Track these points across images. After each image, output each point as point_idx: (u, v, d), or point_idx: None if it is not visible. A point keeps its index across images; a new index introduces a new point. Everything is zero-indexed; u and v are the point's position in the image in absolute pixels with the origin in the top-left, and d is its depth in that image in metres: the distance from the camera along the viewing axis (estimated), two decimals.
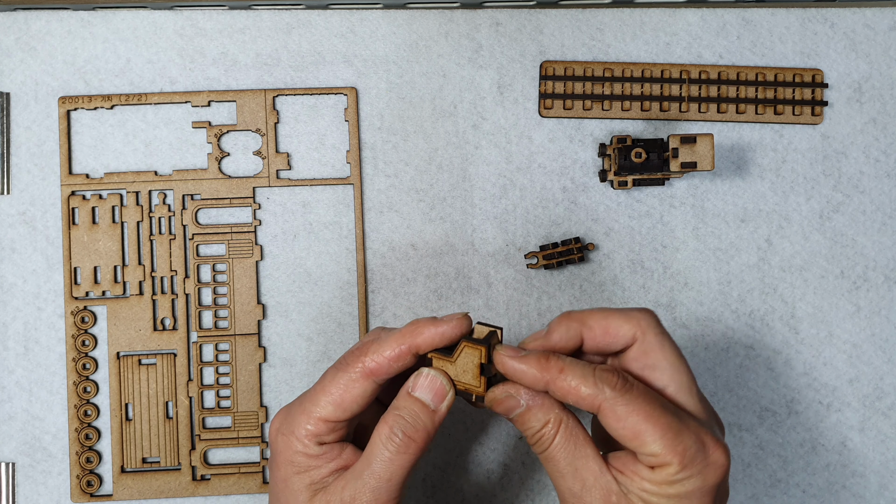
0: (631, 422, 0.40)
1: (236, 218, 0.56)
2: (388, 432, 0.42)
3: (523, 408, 0.42)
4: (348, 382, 0.43)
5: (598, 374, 0.40)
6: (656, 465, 0.40)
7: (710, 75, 0.56)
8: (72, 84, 0.55)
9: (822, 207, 0.57)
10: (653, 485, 0.40)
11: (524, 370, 0.41)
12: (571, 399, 0.41)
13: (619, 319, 0.42)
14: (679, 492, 0.40)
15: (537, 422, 0.42)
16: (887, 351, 0.57)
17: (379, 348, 0.43)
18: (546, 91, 0.56)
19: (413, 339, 0.42)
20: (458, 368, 0.43)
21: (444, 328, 0.42)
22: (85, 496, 0.55)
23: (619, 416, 0.40)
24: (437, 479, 0.56)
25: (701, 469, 0.40)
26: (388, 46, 0.56)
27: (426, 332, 0.42)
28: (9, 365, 0.55)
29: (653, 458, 0.40)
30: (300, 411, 0.43)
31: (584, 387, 0.40)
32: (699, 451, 0.40)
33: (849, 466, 0.57)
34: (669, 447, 0.39)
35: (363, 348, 0.43)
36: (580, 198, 0.56)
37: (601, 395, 0.40)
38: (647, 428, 0.40)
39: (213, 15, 0.56)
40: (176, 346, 0.55)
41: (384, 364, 0.42)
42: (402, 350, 0.42)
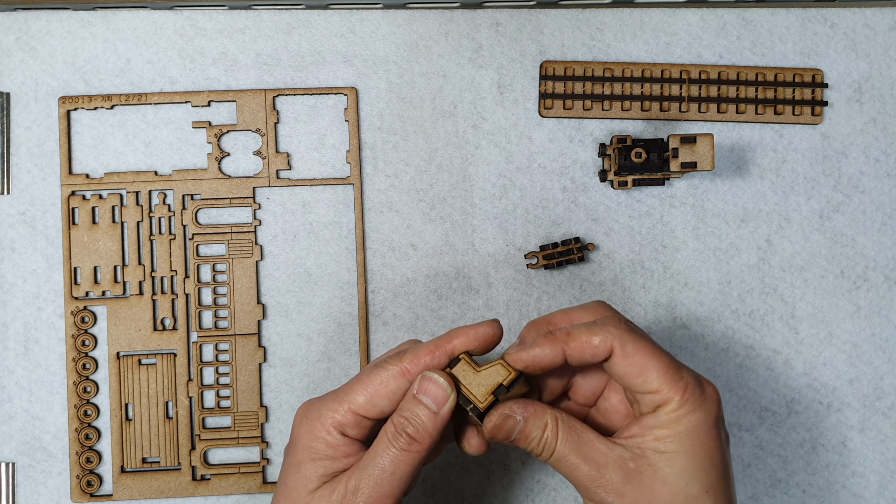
0: (638, 358, 0.42)
1: (236, 218, 0.56)
2: (394, 431, 0.43)
3: (521, 422, 0.43)
4: (385, 378, 0.44)
5: (601, 322, 0.43)
6: (660, 404, 0.42)
7: (710, 75, 0.56)
8: (72, 84, 0.55)
9: (822, 207, 0.57)
10: (662, 429, 0.42)
11: (539, 353, 0.43)
12: (588, 353, 0.43)
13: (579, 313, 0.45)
14: (687, 427, 0.42)
15: (537, 429, 0.43)
16: (887, 351, 0.57)
17: (417, 351, 0.44)
18: (546, 91, 0.56)
19: (449, 341, 0.44)
20: (479, 378, 0.44)
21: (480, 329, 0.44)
22: (85, 496, 0.55)
23: (627, 352, 0.42)
24: (437, 479, 0.56)
25: (701, 403, 0.42)
26: (388, 46, 0.56)
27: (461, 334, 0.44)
28: (9, 365, 0.55)
29: (656, 395, 0.42)
30: (332, 399, 0.44)
31: (595, 337, 0.43)
32: (697, 386, 0.43)
33: (849, 466, 0.57)
34: (671, 382, 0.42)
35: (401, 353, 0.45)
36: (580, 198, 0.56)
37: (611, 337, 0.43)
38: (652, 363, 0.42)
39: (213, 15, 0.56)
40: (176, 346, 0.55)
41: (420, 366, 0.44)
42: (438, 354, 0.44)
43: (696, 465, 0.42)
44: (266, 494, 0.55)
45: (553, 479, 0.56)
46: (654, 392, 0.42)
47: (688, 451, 0.42)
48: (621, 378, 0.43)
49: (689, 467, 0.42)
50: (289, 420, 0.56)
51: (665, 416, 0.42)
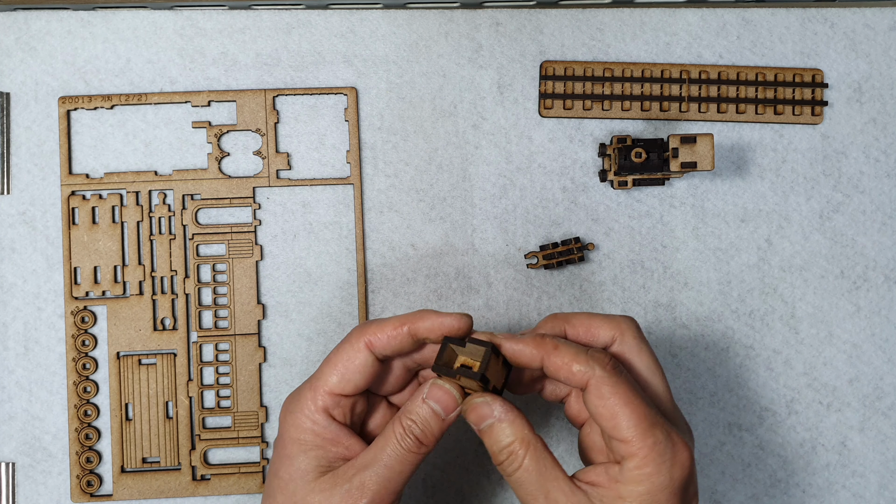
0: (611, 402, 0.41)
1: (236, 218, 0.56)
2: (402, 431, 0.44)
3: (495, 419, 0.43)
4: (350, 353, 0.44)
5: (591, 353, 0.42)
6: (625, 456, 0.41)
7: (710, 75, 0.56)
8: (72, 84, 0.55)
9: (822, 207, 0.57)
10: (624, 485, 0.41)
11: (521, 348, 0.43)
12: (563, 374, 0.42)
13: (600, 321, 0.45)
14: (648, 489, 0.41)
15: (506, 437, 0.42)
16: (887, 351, 0.57)
17: (381, 325, 0.45)
18: (546, 91, 0.56)
19: (413, 322, 0.44)
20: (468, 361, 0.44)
21: (446, 318, 0.44)
22: (85, 496, 0.55)
23: (602, 394, 0.41)
24: (437, 479, 0.56)
25: (668, 465, 0.41)
26: (388, 46, 0.56)
27: (428, 318, 0.44)
28: (9, 365, 0.55)
29: (622, 445, 0.41)
30: (308, 388, 0.45)
31: (577, 363, 0.42)
32: (668, 447, 0.41)
33: (849, 466, 0.57)
34: (640, 436, 0.41)
35: (365, 325, 0.45)
36: (580, 198, 0.56)
37: (590, 372, 0.42)
38: (624, 412, 0.41)
39: (213, 15, 0.56)
40: (176, 346, 0.55)
41: (383, 339, 0.44)
42: (402, 330, 0.44)
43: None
44: None
45: None
46: (622, 441, 0.41)
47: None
48: (593, 416, 0.42)
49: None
50: None
51: (628, 471, 0.41)
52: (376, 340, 0.44)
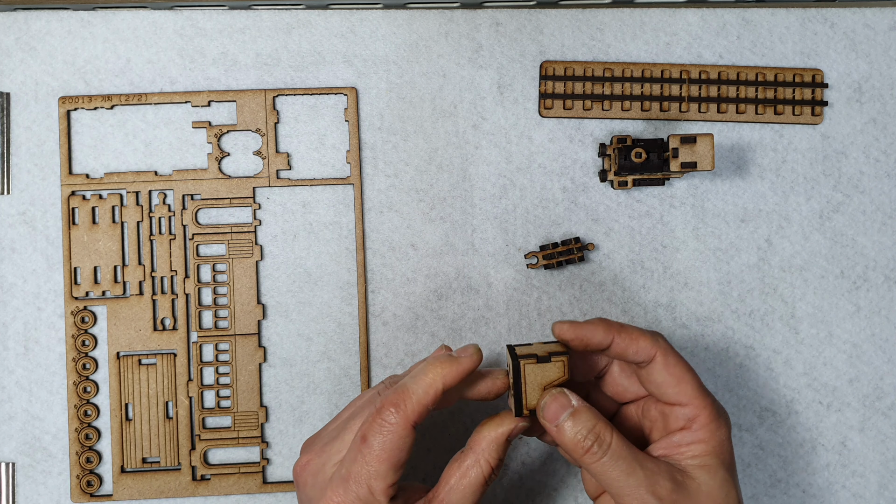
0: (677, 370, 0.45)
1: (236, 218, 0.56)
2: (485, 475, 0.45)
3: (574, 408, 0.44)
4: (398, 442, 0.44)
5: (650, 332, 0.46)
6: (692, 418, 0.45)
7: (710, 75, 0.56)
8: (72, 84, 0.55)
9: (822, 207, 0.57)
10: (698, 444, 0.44)
11: (593, 328, 0.45)
12: (632, 350, 0.45)
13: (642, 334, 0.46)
14: (720, 441, 0.45)
15: (590, 421, 0.44)
16: (887, 351, 0.57)
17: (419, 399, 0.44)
18: (546, 91, 0.56)
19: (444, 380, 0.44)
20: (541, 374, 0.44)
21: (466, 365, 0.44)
22: (85, 496, 0.55)
23: (669, 362, 0.45)
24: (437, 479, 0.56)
25: (725, 421, 0.45)
26: (388, 46, 0.56)
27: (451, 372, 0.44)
28: (9, 365, 0.55)
29: (687, 408, 0.45)
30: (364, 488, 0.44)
31: (643, 339, 0.45)
32: (718, 404, 0.46)
33: (849, 466, 0.57)
34: (703, 396, 0.45)
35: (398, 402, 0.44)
36: (580, 198, 0.56)
37: (657, 346, 0.45)
38: (688, 378, 0.45)
39: (213, 15, 0.56)
40: (176, 346, 0.55)
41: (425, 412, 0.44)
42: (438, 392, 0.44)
43: (731, 476, 0.45)
44: (266, 494, 0.55)
45: (553, 479, 0.56)
46: (686, 405, 0.45)
47: (724, 464, 0.45)
48: (658, 386, 0.46)
49: (727, 478, 0.44)
50: (289, 420, 0.56)
51: (697, 430, 0.45)
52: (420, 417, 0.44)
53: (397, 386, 0.44)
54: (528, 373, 0.44)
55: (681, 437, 0.45)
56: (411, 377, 0.44)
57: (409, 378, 0.44)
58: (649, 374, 0.46)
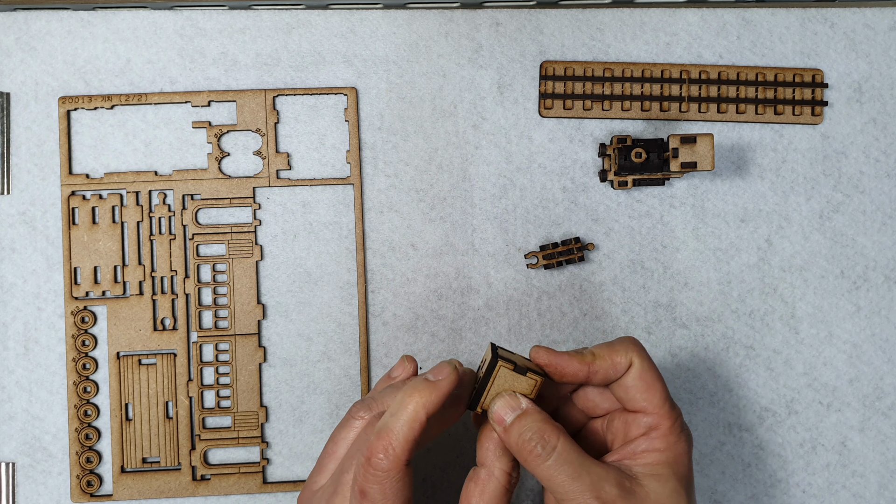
0: (648, 377, 0.45)
1: (236, 218, 0.56)
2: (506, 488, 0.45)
3: (521, 409, 0.44)
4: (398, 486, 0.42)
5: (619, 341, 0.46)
6: (652, 427, 0.45)
7: (710, 75, 0.56)
8: (72, 84, 0.55)
9: (822, 207, 0.57)
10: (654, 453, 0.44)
11: (567, 361, 0.45)
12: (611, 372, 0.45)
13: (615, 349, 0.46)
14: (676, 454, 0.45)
15: (536, 422, 0.44)
16: (887, 351, 0.57)
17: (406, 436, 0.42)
18: (546, 91, 0.56)
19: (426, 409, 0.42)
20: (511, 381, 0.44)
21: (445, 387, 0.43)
22: (85, 496, 0.55)
23: (643, 369, 0.45)
24: (437, 479, 0.56)
25: (686, 437, 0.45)
26: (388, 46, 0.56)
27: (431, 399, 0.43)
28: (9, 365, 0.55)
29: (651, 416, 0.45)
30: None
31: (616, 356, 0.45)
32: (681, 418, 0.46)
33: (849, 466, 0.57)
34: (666, 409, 0.45)
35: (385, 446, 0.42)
36: (580, 198, 0.56)
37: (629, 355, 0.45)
38: (658, 385, 0.45)
39: (213, 15, 0.56)
40: (176, 346, 0.55)
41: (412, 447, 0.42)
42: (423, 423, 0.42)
43: (681, 489, 0.44)
44: (266, 494, 0.55)
45: None
46: (650, 413, 0.45)
47: (677, 475, 0.44)
48: (627, 390, 0.45)
49: (678, 489, 0.44)
50: (289, 420, 0.56)
51: (657, 440, 0.45)
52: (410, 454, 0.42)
53: (379, 428, 0.42)
54: (500, 375, 0.44)
55: (637, 445, 0.45)
56: (391, 414, 0.42)
57: (389, 416, 0.42)
58: (623, 380, 0.46)
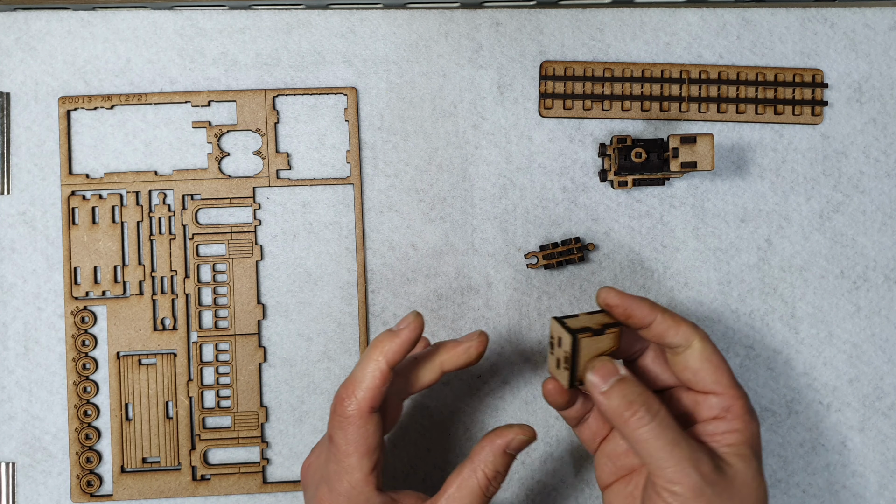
0: (716, 359, 0.45)
1: (236, 218, 0.56)
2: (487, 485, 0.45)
3: (621, 375, 0.44)
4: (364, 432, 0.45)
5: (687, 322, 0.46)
6: (726, 408, 0.45)
7: (710, 75, 0.56)
8: (72, 84, 0.55)
9: (822, 207, 0.57)
10: (733, 433, 0.45)
11: (639, 302, 0.45)
12: (671, 333, 0.45)
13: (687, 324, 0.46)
14: (753, 433, 0.45)
15: (638, 387, 0.44)
16: (887, 351, 0.57)
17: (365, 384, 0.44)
18: (546, 91, 0.56)
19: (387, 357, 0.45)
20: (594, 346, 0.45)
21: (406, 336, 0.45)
22: (85, 496, 0.55)
23: (707, 351, 0.45)
24: (438, 479, 0.56)
25: (755, 417, 0.46)
26: (388, 46, 0.56)
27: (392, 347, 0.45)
28: (9, 365, 0.55)
29: (722, 397, 0.45)
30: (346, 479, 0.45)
31: (685, 324, 0.45)
32: (750, 402, 0.46)
33: (849, 466, 0.57)
34: (736, 389, 0.46)
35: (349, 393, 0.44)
36: (580, 198, 0.56)
37: (696, 333, 0.45)
38: (724, 368, 0.46)
39: (213, 15, 0.56)
40: (176, 346, 0.55)
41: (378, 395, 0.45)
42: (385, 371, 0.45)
43: (760, 468, 0.45)
44: (266, 494, 0.55)
45: (553, 479, 0.56)
46: (721, 394, 0.45)
47: (757, 456, 0.45)
48: (695, 373, 0.45)
49: (759, 470, 0.45)
50: (289, 420, 0.56)
51: (734, 421, 0.45)
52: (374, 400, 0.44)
53: (346, 379, 0.45)
54: (584, 346, 0.44)
55: (715, 426, 0.45)
56: (357, 365, 0.45)
57: (356, 366, 0.45)
58: (686, 360, 0.46)
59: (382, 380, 0.44)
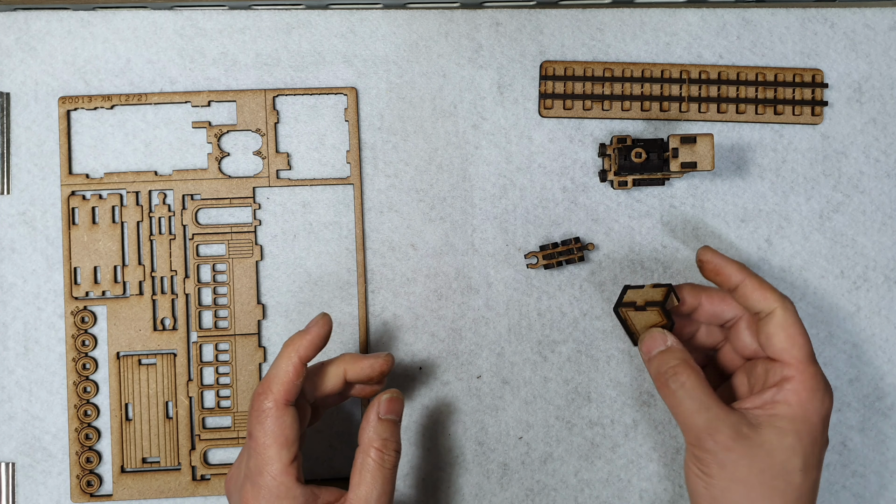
0: (794, 331, 0.47)
1: (236, 218, 0.56)
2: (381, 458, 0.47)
3: (665, 346, 0.48)
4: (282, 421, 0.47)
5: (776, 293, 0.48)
6: (786, 378, 0.47)
7: (710, 75, 0.56)
8: (72, 84, 0.55)
9: (822, 207, 0.57)
10: (781, 405, 0.46)
11: (730, 264, 0.49)
12: (756, 297, 0.48)
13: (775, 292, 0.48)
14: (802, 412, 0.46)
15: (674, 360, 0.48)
16: (887, 351, 0.57)
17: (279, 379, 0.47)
18: (546, 91, 0.56)
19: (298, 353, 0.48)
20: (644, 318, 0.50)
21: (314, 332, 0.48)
22: (85, 496, 0.55)
23: (786, 320, 0.47)
24: (437, 479, 0.56)
25: (821, 396, 0.47)
26: (388, 46, 0.56)
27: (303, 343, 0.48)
28: (9, 365, 0.55)
29: (788, 367, 0.47)
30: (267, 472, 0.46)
31: (772, 292, 0.48)
32: (822, 380, 0.47)
33: (849, 466, 0.57)
34: (806, 361, 0.47)
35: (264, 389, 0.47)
36: (580, 198, 0.56)
37: (781, 302, 0.48)
38: (799, 340, 0.47)
39: (213, 15, 0.56)
40: (176, 346, 0.55)
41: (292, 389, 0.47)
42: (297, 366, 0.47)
43: (799, 447, 0.46)
44: None
45: (553, 479, 0.56)
46: (788, 363, 0.47)
47: (797, 432, 0.46)
48: (769, 337, 0.48)
49: (793, 446, 0.46)
50: None
51: (786, 392, 0.46)
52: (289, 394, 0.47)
53: (262, 379, 0.47)
54: (630, 317, 0.50)
55: (769, 394, 0.47)
56: (272, 364, 0.48)
57: (271, 366, 0.48)
58: (765, 325, 0.48)
59: (296, 374, 0.47)
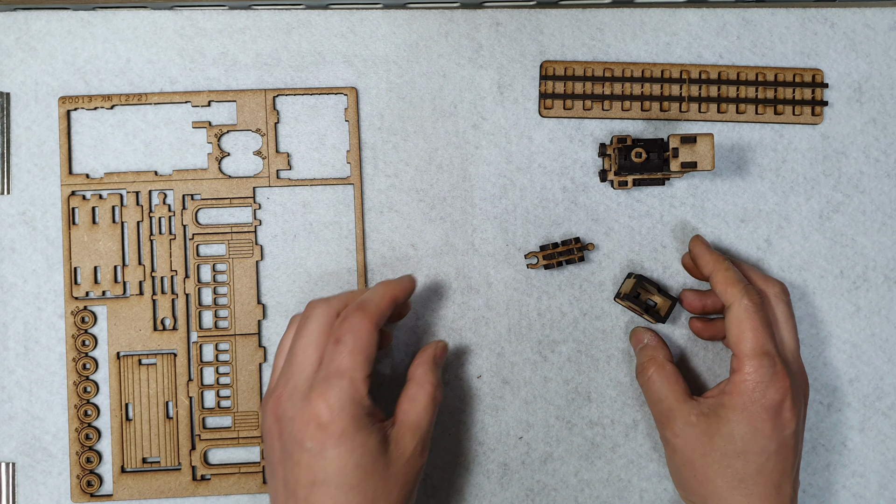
0: (743, 326, 0.50)
1: (236, 218, 0.56)
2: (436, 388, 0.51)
3: (644, 343, 0.55)
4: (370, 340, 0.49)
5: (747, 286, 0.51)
6: (735, 369, 0.50)
7: (710, 75, 0.56)
8: (72, 84, 0.55)
9: (822, 207, 0.57)
10: (727, 395, 0.50)
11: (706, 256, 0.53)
12: (719, 290, 0.51)
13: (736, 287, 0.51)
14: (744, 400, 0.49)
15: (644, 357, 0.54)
16: (887, 351, 0.57)
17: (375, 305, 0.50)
18: (546, 91, 0.56)
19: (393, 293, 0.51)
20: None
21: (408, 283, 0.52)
22: (85, 496, 0.55)
23: (738, 317, 0.50)
24: (437, 479, 0.56)
25: (765, 386, 0.49)
26: (388, 46, 0.56)
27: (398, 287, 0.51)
28: (9, 365, 0.55)
29: (736, 360, 0.50)
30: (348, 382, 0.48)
31: (733, 287, 0.51)
32: (769, 370, 0.49)
33: (849, 466, 0.57)
34: (751, 355, 0.50)
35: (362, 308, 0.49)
36: (580, 198, 0.56)
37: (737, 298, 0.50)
38: (747, 336, 0.50)
39: (213, 15, 0.56)
40: (176, 346, 0.55)
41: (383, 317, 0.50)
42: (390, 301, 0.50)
43: (737, 433, 0.49)
44: (266, 494, 0.55)
45: (553, 479, 0.56)
46: (737, 356, 0.50)
47: (737, 421, 0.49)
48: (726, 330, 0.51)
49: (731, 432, 0.49)
50: None
51: (732, 383, 0.50)
52: (380, 319, 0.49)
53: (357, 301, 0.50)
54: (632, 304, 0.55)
55: (723, 385, 0.51)
56: (368, 294, 0.50)
57: (367, 294, 0.50)
58: (726, 318, 0.51)
59: (389, 306, 0.50)
